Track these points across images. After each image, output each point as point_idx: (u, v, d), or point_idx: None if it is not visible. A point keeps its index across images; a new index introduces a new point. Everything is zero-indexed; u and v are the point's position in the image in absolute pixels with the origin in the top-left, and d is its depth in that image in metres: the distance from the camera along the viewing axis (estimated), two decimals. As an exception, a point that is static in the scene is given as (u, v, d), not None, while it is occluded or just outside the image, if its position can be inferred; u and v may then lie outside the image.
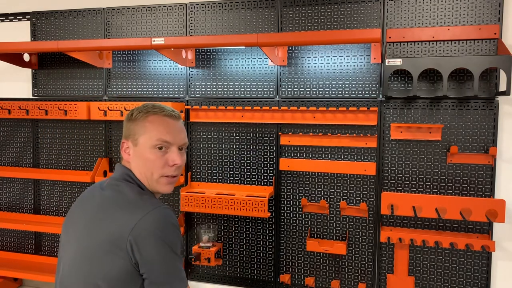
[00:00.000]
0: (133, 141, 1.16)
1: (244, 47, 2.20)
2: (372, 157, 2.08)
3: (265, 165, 2.23)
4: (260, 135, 2.23)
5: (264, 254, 2.27)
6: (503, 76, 1.85)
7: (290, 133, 2.17)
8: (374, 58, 2.05)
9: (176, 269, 1.05)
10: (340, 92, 2.11)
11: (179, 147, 1.17)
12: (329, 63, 2.13)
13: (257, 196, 2.08)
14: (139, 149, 1.14)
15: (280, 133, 2.19)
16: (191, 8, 2.29)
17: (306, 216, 2.20)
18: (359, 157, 2.10)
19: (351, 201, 2.13)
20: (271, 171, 2.23)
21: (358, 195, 2.11)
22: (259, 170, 2.24)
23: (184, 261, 2.38)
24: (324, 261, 2.19)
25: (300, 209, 2.20)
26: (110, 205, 1.10)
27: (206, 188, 2.30)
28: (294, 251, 2.23)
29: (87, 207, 1.15)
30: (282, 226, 2.24)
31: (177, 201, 2.37)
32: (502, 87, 1.88)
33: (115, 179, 1.16)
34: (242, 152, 2.26)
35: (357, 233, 2.13)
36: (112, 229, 1.04)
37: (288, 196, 2.22)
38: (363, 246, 2.12)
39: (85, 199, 1.19)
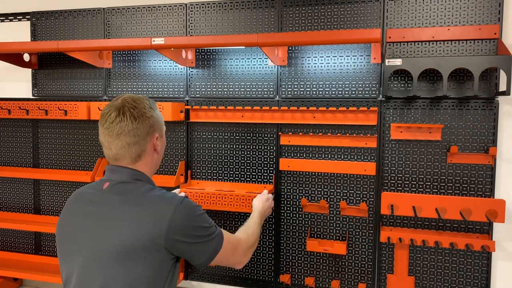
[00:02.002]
0: (159, 133, 1.28)
1: (244, 47, 2.20)
2: (372, 157, 2.08)
3: (265, 165, 2.23)
4: (260, 135, 2.23)
5: (264, 254, 2.27)
6: (503, 76, 1.85)
7: (290, 133, 2.17)
8: (374, 58, 2.05)
9: (212, 240, 1.24)
10: (340, 92, 2.11)
11: None
12: (329, 63, 2.13)
13: (257, 193, 2.08)
14: (162, 140, 1.31)
15: (280, 133, 2.19)
16: (191, 8, 2.29)
17: (306, 216, 2.20)
18: (359, 157, 2.10)
19: (351, 201, 2.13)
20: (271, 171, 2.23)
21: (358, 195, 2.11)
22: (259, 170, 2.24)
23: (184, 261, 2.38)
24: (324, 261, 2.19)
25: (300, 209, 2.20)
26: (129, 208, 1.13)
27: (206, 186, 2.30)
28: (294, 251, 2.23)
29: (97, 211, 1.14)
30: (282, 226, 2.24)
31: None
32: (502, 87, 1.88)
33: (123, 182, 1.18)
34: (242, 152, 2.26)
35: (357, 233, 2.13)
36: (143, 230, 1.08)
37: (288, 196, 2.22)
38: (363, 246, 2.12)
39: (89, 203, 1.17)
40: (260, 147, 2.24)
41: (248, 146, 2.25)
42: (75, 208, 1.19)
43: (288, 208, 2.22)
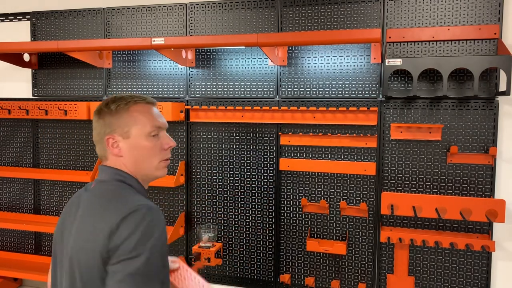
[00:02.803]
0: (122, 134, 1.11)
1: (244, 47, 2.20)
2: (372, 157, 2.08)
3: (265, 165, 2.23)
4: (260, 135, 2.23)
5: (264, 254, 2.27)
6: (503, 76, 1.85)
7: (290, 133, 2.17)
8: (374, 58, 2.05)
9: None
10: (340, 92, 2.11)
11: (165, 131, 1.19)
12: (329, 63, 2.13)
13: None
14: (133, 140, 1.11)
15: (280, 133, 2.19)
16: (191, 8, 2.29)
17: (306, 216, 2.20)
18: (359, 157, 2.10)
19: (351, 201, 2.13)
20: (271, 171, 2.23)
21: (358, 195, 2.11)
22: (259, 170, 2.24)
23: (185, 260, 2.38)
24: (324, 261, 2.19)
25: (300, 209, 2.20)
26: (95, 209, 1.03)
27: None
28: (294, 251, 2.23)
29: (77, 214, 1.08)
30: (282, 226, 2.24)
31: (177, 200, 2.37)
32: (502, 87, 1.88)
33: (102, 181, 1.10)
34: (242, 152, 2.26)
35: (357, 233, 2.13)
36: (94, 235, 0.97)
37: (288, 196, 2.22)
38: (363, 246, 2.12)
39: (75, 205, 1.12)
40: (260, 147, 2.23)
41: (248, 146, 2.25)
42: (66, 209, 1.16)
43: (288, 208, 2.22)
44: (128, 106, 1.12)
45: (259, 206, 2.26)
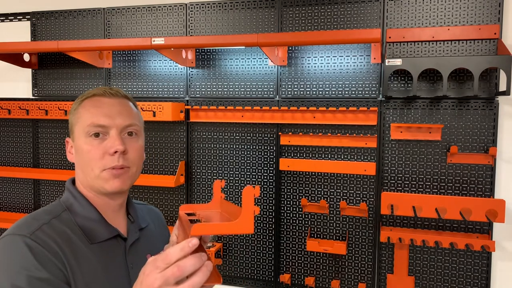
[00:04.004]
0: (72, 136, 0.96)
1: (244, 47, 2.20)
2: (372, 157, 2.08)
3: (265, 165, 2.23)
4: (260, 135, 2.23)
5: (264, 254, 2.27)
6: (503, 76, 1.85)
7: (290, 133, 2.17)
8: (374, 58, 2.05)
9: None
10: (340, 92, 2.11)
11: (121, 131, 0.92)
12: (329, 63, 2.13)
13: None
14: (76, 143, 0.94)
15: (280, 133, 2.19)
16: (191, 8, 2.29)
17: (306, 216, 2.20)
18: (359, 157, 2.10)
19: (351, 201, 2.13)
20: (271, 171, 2.23)
21: (358, 195, 2.11)
22: (259, 170, 2.24)
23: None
24: (324, 261, 2.19)
25: (300, 209, 2.20)
26: None
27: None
28: (294, 251, 2.23)
29: None
30: (282, 226, 2.24)
31: (177, 200, 2.37)
32: (502, 87, 1.88)
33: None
34: (242, 152, 2.26)
35: (357, 233, 2.13)
36: None
37: (288, 196, 2.22)
38: (363, 246, 2.13)
39: None
40: (260, 147, 2.24)
41: (248, 146, 2.25)
42: None
43: (288, 208, 2.22)
44: (82, 101, 0.95)
45: (259, 206, 2.26)
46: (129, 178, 0.94)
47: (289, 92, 2.18)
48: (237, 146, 2.27)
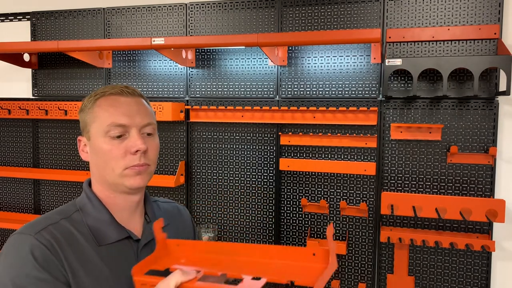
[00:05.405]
0: (86, 135, 0.95)
1: (244, 47, 2.20)
2: (372, 157, 2.08)
3: (265, 165, 2.23)
4: (260, 135, 2.23)
5: (264, 254, 2.27)
6: (503, 76, 1.85)
7: (290, 133, 2.17)
8: (374, 58, 2.05)
9: None
10: (340, 92, 2.11)
11: (140, 130, 0.93)
12: (329, 63, 2.13)
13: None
14: (92, 142, 0.93)
15: (280, 133, 2.19)
16: (191, 8, 2.29)
17: (306, 216, 2.20)
18: (359, 157, 2.10)
19: (351, 201, 2.13)
20: (271, 171, 2.23)
21: (358, 195, 2.12)
22: (259, 170, 2.24)
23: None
24: (324, 261, 2.19)
25: (300, 209, 2.20)
26: None
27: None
28: (294, 251, 2.23)
29: None
30: (282, 226, 2.24)
31: (177, 200, 2.37)
32: (502, 87, 1.88)
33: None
34: (242, 152, 2.26)
35: (357, 233, 2.13)
36: None
37: (288, 196, 2.22)
38: (363, 246, 2.13)
39: None
40: (260, 147, 2.24)
41: (248, 146, 2.25)
42: None
43: (288, 208, 2.22)
44: (95, 99, 0.94)
45: (259, 206, 2.26)
46: (148, 175, 0.95)
47: (289, 92, 2.18)
48: (237, 146, 2.27)
